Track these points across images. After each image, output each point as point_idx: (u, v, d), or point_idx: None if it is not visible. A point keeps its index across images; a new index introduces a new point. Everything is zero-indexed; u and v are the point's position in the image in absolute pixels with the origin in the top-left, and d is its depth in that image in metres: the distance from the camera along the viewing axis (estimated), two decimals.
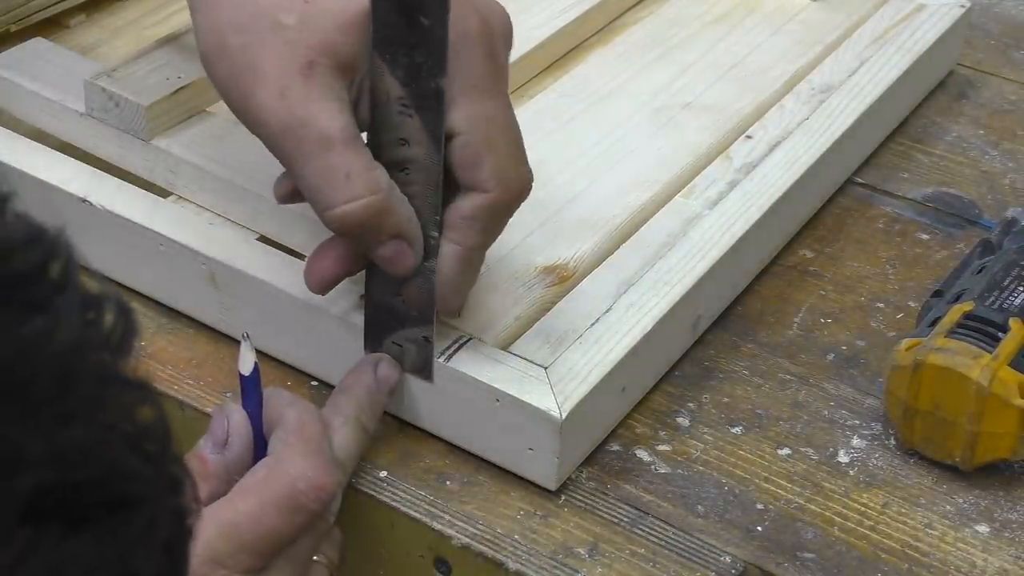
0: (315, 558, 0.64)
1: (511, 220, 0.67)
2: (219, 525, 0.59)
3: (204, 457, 0.63)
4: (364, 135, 0.65)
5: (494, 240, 0.67)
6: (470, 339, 0.70)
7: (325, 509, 0.62)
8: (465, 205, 0.65)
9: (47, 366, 0.34)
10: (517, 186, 0.66)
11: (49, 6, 0.92)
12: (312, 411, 0.65)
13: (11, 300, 0.34)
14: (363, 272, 0.68)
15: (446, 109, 0.63)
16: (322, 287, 0.68)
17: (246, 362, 0.64)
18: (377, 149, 0.64)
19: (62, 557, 0.34)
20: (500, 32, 0.66)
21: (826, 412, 0.74)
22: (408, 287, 0.67)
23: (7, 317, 0.34)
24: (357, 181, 0.63)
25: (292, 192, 0.66)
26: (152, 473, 0.36)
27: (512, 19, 0.67)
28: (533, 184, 0.67)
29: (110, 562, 0.34)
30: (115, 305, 0.36)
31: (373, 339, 0.69)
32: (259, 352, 0.74)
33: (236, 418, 0.64)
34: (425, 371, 0.69)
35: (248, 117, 0.65)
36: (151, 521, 0.36)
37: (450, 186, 0.65)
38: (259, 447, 0.64)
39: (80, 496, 0.34)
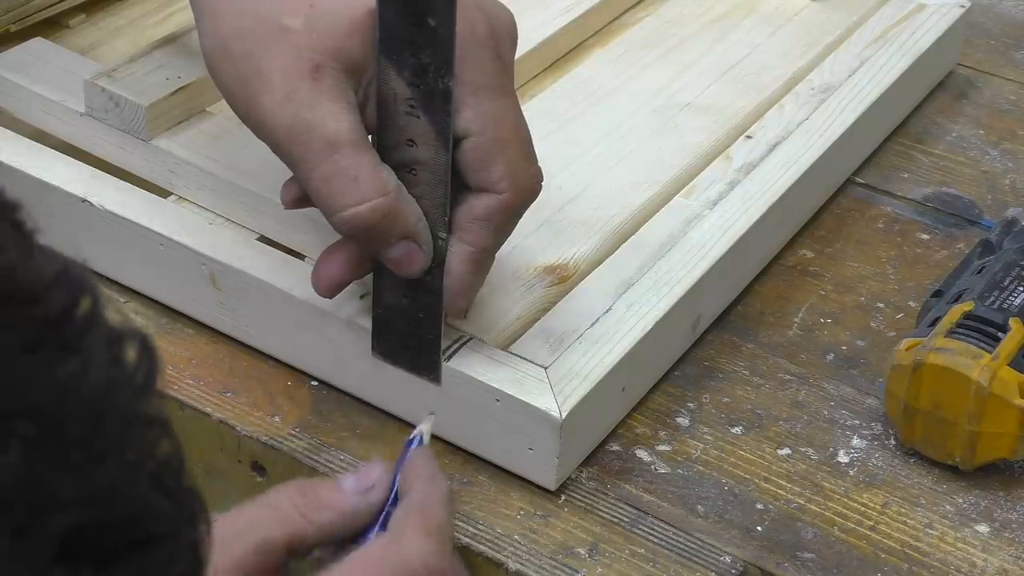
0: None
1: None
2: None
3: (343, 491, 0.62)
4: (371, 137, 0.65)
5: (504, 241, 0.67)
6: (470, 339, 0.70)
7: None
8: (477, 206, 0.65)
9: (80, 408, 0.34)
10: (529, 186, 0.66)
11: (49, 6, 0.91)
12: (443, 491, 0.62)
13: (43, 343, 0.34)
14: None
15: (455, 111, 0.63)
16: (330, 291, 0.68)
17: (419, 433, 0.63)
18: (384, 150, 0.64)
19: None
20: (506, 32, 0.66)
21: (826, 412, 0.74)
22: (416, 289, 0.67)
23: (42, 360, 0.34)
24: (365, 183, 0.63)
25: (300, 197, 0.66)
26: (172, 508, 0.36)
27: None
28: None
29: None
30: (138, 340, 0.36)
31: (380, 340, 0.69)
32: (259, 352, 0.74)
33: (386, 476, 0.62)
34: (433, 373, 0.68)
35: (254, 123, 0.65)
36: (171, 556, 0.36)
37: (458, 187, 0.65)
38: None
39: (109, 535, 0.34)
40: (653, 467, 0.71)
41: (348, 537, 0.62)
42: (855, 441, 0.73)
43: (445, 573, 0.60)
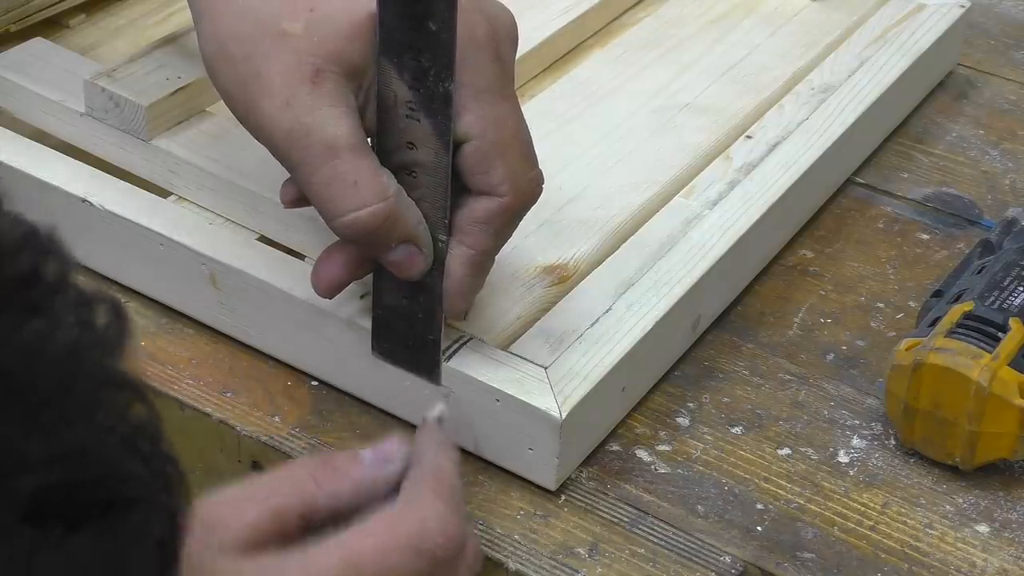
0: None
1: None
2: (343, 560, 0.57)
3: (360, 462, 0.61)
4: (371, 140, 0.65)
5: (504, 243, 0.67)
6: (470, 339, 0.70)
7: (453, 558, 0.59)
8: (477, 209, 0.65)
9: (47, 369, 0.34)
10: (529, 190, 0.66)
11: (49, 6, 0.91)
12: (454, 458, 0.62)
13: (10, 303, 0.34)
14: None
15: (456, 115, 0.63)
16: (330, 292, 0.68)
17: (436, 412, 0.64)
18: (384, 153, 0.64)
19: (62, 558, 0.34)
20: (506, 34, 0.66)
21: (826, 412, 0.74)
22: (416, 290, 0.67)
23: (7, 321, 0.34)
24: (365, 188, 0.63)
25: (299, 197, 0.66)
26: (146, 472, 0.36)
27: None
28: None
29: (107, 562, 0.35)
30: (108, 304, 0.36)
31: (380, 340, 0.69)
32: (258, 352, 0.74)
33: (405, 451, 0.62)
34: (433, 373, 0.68)
35: (253, 126, 0.65)
36: (146, 521, 0.36)
37: (458, 190, 0.65)
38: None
39: (79, 497, 0.34)
40: (653, 467, 0.71)
41: (365, 510, 0.61)
42: (855, 441, 0.73)
43: (460, 538, 0.59)
